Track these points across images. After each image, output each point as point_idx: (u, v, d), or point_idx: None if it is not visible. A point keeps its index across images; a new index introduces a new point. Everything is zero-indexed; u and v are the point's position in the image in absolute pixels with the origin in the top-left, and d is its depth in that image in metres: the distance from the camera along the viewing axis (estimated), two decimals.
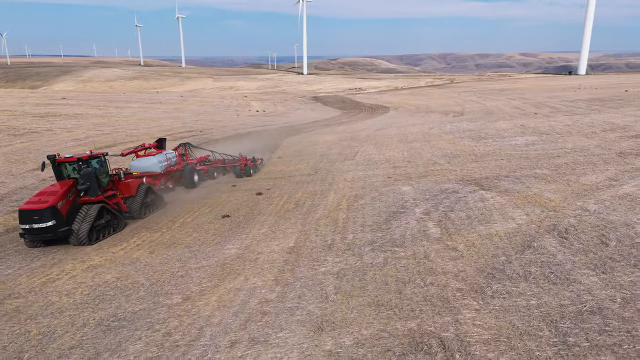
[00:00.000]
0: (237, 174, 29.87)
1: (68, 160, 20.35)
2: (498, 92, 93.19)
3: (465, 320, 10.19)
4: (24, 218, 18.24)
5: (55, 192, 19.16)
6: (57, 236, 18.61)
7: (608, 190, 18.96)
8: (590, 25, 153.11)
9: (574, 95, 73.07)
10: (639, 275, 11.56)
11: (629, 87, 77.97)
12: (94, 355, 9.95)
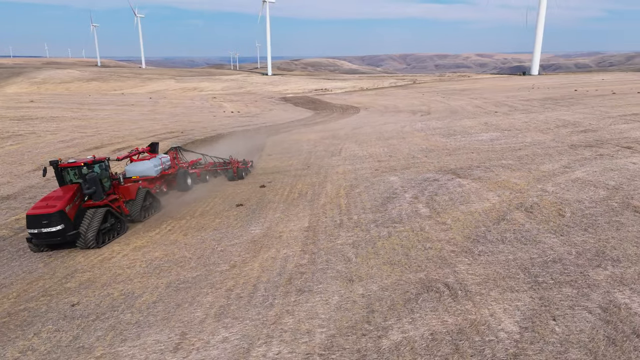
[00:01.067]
0: (230, 177, 30.22)
1: (71, 166, 20.60)
2: (459, 92, 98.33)
3: (461, 270, 13.39)
4: (33, 223, 18.41)
5: (62, 197, 19.45)
6: (65, 240, 18.90)
7: (562, 175, 22.71)
8: (541, 27, 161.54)
9: (528, 94, 78.60)
10: (588, 236, 15.06)
11: (578, 87, 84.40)
12: (175, 306, 12.60)
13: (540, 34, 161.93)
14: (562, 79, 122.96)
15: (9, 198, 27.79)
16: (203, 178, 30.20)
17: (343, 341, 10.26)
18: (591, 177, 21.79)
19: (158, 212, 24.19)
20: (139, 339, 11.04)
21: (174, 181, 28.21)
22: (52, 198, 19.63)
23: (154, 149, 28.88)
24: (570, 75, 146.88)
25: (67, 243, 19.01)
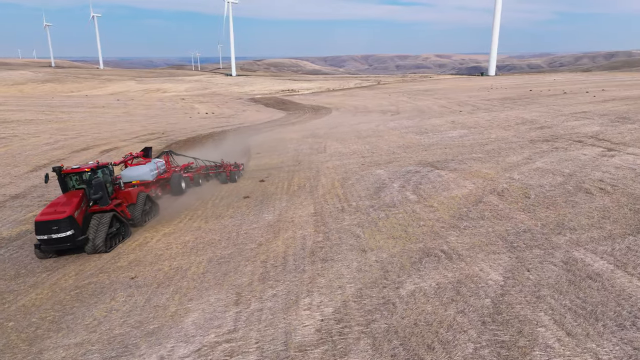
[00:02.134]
0: (223, 180, 30.45)
1: (75, 171, 20.88)
2: (423, 92, 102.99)
3: (452, 240, 16.53)
4: (42, 229, 18.48)
5: (69, 203, 19.58)
6: (75, 245, 19.10)
7: (525, 165, 26.36)
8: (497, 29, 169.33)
9: (488, 94, 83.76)
10: (549, 212, 18.49)
11: (532, 87, 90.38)
12: (222, 275, 15.18)
13: (496, 36, 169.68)
14: (518, 79, 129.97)
15: (19, 197, 29.25)
16: (196, 182, 30.30)
17: (369, 292, 13.15)
18: (549, 166, 25.51)
19: (157, 216, 24.38)
20: (202, 298, 13.60)
21: (168, 185, 28.13)
22: (59, 204, 19.72)
23: (147, 153, 28.73)
24: (524, 76, 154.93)
25: (75, 249, 19.29)
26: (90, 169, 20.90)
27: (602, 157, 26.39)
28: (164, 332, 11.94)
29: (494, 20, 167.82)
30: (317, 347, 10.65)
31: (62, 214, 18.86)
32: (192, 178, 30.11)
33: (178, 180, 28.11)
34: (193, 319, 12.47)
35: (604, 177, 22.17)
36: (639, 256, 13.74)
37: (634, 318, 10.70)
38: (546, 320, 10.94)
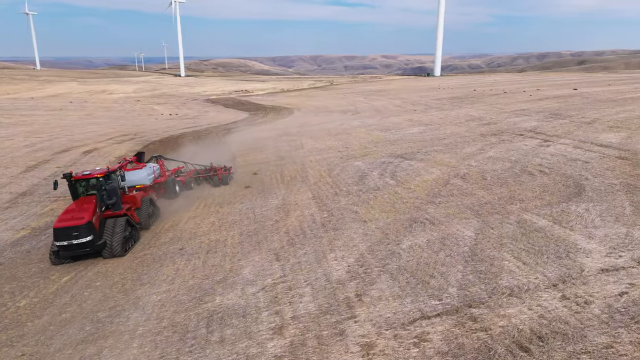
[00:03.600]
0: (215, 183, 31.07)
1: (86, 177, 21.36)
2: (376, 92, 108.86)
3: (431, 212, 21.11)
4: (62, 235, 18.86)
5: (86, 209, 19.98)
6: (94, 250, 19.65)
7: (479, 155, 31.55)
8: (441, 31, 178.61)
9: (437, 94, 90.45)
10: (503, 189, 23.45)
11: (476, 87, 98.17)
12: (256, 243, 19.01)
13: (441, 38, 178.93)
14: (462, 79, 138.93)
15: (26, 194, 31.43)
16: (188, 185, 30.77)
17: (377, 247, 17.45)
18: (499, 155, 30.81)
19: (159, 218, 25.08)
20: (248, 258, 17.43)
21: (162, 189, 28.47)
22: (75, 210, 20.06)
23: (140, 158, 29.12)
24: (467, 76, 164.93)
25: (93, 254, 19.93)
26: (105, 174, 21.41)
27: (540, 147, 32.00)
28: (229, 280, 15.70)
29: (438, 23, 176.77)
30: (351, 281, 14.82)
31: (81, 220, 19.24)
32: (185, 182, 30.74)
33: (173, 184, 28.97)
34: (248, 271, 16.30)
35: (542, 162, 27.59)
36: (569, 216, 18.81)
37: (567, 252, 15.56)
38: (508, 257, 15.63)
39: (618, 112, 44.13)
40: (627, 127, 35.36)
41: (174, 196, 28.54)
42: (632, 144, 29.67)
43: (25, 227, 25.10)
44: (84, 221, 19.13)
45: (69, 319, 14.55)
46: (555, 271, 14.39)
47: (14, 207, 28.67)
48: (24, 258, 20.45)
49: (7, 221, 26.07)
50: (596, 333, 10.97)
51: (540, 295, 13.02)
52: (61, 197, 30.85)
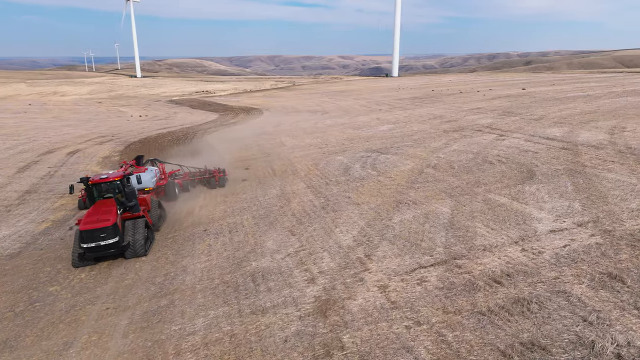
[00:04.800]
0: (212, 185, 31.52)
1: (103, 181, 21.86)
2: (340, 93, 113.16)
3: (412, 195, 25.16)
4: (89, 237, 19.28)
5: (110, 211, 20.49)
6: (118, 251, 20.10)
7: (445, 148, 36.03)
8: (398, 33, 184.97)
9: (398, 94, 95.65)
10: (469, 176, 27.83)
11: (434, 87, 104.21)
12: (269, 224, 22.44)
13: (397, 39, 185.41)
14: (419, 80, 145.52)
15: (30, 192, 33.38)
16: (185, 188, 31.23)
17: (374, 223, 21.27)
18: (462, 148, 35.37)
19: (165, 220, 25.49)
20: (267, 235, 20.87)
21: (162, 192, 28.93)
22: (99, 213, 20.45)
23: (139, 161, 29.60)
24: (424, 77, 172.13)
25: (116, 255, 20.42)
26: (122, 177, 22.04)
27: (496, 141, 36.83)
28: (258, 251, 19.13)
29: (395, 25, 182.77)
30: (358, 247, 18.58)
31: (108, 221, 19.74)
32: (182, 184, 31.30)
33: (173, 187, 29.63)
34: (270, 243, 19.77)
35: (499, 153, 32.28)
36: (524, 194, 23.27)
37: (524, 220, 19.88)
38: (479, 225, 19.81)
39: (561, 110, 50.01)
40: (569, 123, 40.86)
41: (175, 198, 29.11)
42: (573, 137, 34.91)
43: (44, 220, 27.37)
44: (110, 223, 19.67)
45: (132, 284, 17.53)
46: (516, 233, 18.65)
47: (25, 204, 30.69)
48: (60, 243, 22.99)
49: (25, 215, 28.21)
50: (547, 270, 15.18)
51: (506, 249, 17.21)
52: (66, 194, 33.04)
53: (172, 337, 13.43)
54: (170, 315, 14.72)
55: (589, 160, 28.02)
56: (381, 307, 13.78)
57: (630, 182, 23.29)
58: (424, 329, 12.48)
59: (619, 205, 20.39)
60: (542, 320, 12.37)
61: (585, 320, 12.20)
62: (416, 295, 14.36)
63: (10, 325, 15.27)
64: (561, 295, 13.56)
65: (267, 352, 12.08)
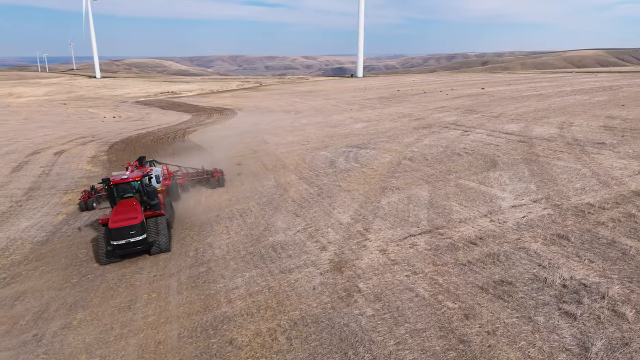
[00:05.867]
0: (212, 185, 32.20)
1: (125, 182, 22.59)
2: (309, 93, 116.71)
3: (394, 182, 28.99)
4: (120, 235, 19.98)
5: (136, 209, 21.21)
6: (145, 248, 20.77)
7: (418, 143, 40.18)
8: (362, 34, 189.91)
9: (366, 94, 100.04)
10: (441, 166, 31.92)
11: (399, 87, 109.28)
12: (274, 208, 25.74)
13: (362, 40, 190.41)
14: (384, 80, 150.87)
15: (33, 189, 35.31)
16: (186, 188, 31.95)
17: (366, 205, 24.92)
18: (432, 142, 39.59)
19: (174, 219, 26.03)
20: (275, 217, 24.17)
21: (165, 192, 29.11)
22: (125, 211, 21.10)
23: (142, 162, 30.12)
24: (388, 77, 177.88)
25: (142, 252, 21.11)
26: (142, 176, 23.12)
27: (462, 136, 41.26)
28: (271, 229, 22.43)
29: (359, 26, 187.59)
30: (356, 223, 22.18)
31: (136, 219, 20.47)
32: (182, 184, 31.94)
33: (176, 187, 30.34)
34: (280, 224, 23.11)
35: (465, 146, 36.61)
36: (489, 179, 27.47)
37: (490, 199, 23.98)
38: (454, 204, 23.78)
39: (517, 108, 55.29)
40: (525, 119, 45.88)
41: (177, 198, 29.50)
42: (528, 131, 39.73)
43: (58, 212, 29.61)
44: (138, 220, 20.43)
45: (168, 257, 20.43)
46: (484, 209, 22.71)
47: (33, 199, 32.70)
48: (85, 231, 25.50)
49: (38, 209, 30.34)
50: (511, 234, 19.21)
51: (477, 221, 21.19)
52: (69, 191, 35.20)
53: (220, 292, 16.63)
54: (212, 277, 17.87)
55: (542, 150, 32.64)
56: (384, 264, 17.43)
57: (576, 167, 27.89)
58: (420, 276, 16.20)
59: (566, 186, 24.81)
60: (508, 267, 16.31)
61: (540, 265, 16.22)
62: (410, 255, 18.08)
63: (72, 292, 18.00)
64: (522, 250, 17.58)
65: (301, 297, 15.50)
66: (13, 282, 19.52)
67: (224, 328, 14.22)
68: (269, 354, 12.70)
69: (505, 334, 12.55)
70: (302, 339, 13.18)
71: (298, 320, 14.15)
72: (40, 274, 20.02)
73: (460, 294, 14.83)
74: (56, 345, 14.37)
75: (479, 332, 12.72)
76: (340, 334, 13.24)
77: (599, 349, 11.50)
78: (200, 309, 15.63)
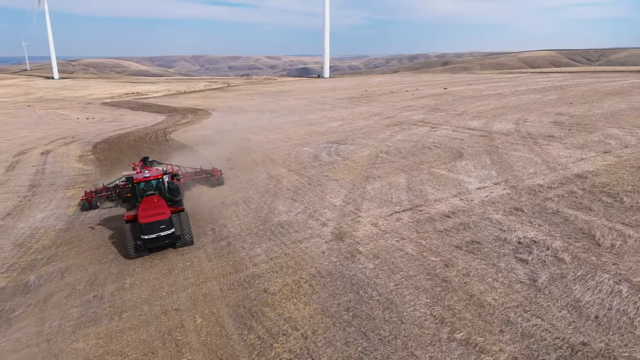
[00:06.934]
0: (213, 184, 33.34)
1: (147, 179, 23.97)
2: (279, 94, 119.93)
3: (375, 172, 33.00)
4: (151, 229, 20.93)
5: (162, 205, 22.30)
6: (173, 241, 21.75)
7: (391, 139, 44.42)
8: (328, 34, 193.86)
9: (335, 95, 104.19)
10: (414, 157, 36.16)
11: (366, 88, 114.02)
12: (273, 195, 29.26)
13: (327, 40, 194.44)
14: (351, 81, 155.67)
15: (34, 187, 37.43)
16: (187, 187, 32.79)
17: (354, 191, 28.76)
18: (404, 138, 43.92)
19: None
20: (275, 202, 27.69)
21: None
22: (152, 207, 22.10)
23: (146, 162, 31.07)
24: (354, 78, 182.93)
25: (169, 245, 22.09)
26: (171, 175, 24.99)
27: (430, 132, 45.80)
28: (274, 212, 25.93)
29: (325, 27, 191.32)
30: (348, 205, 25.99)
31: (164, 214, 21.48)
32: (184, 183, 32.75)
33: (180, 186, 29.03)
34: (281, 208, 26.64)
35: (434, 141, 41.08)
36: (456, 167, 31.84)
37: (458, 183, 28.28)
38: (429, 188, 27.94)
39: (478, 106, 60.55)
40: (485, 117, 50.94)
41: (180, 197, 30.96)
42: (489, 127, 44.63)
43: (68, 205, 32.08)
44: (167, 215, 21.49)
45: None
46: (454, 191, 26.95)
47: (38, 195, 34.92)
48: (102, 221, 28.23)
49: (47, 203, 32.69)
50: (477, 209, 23.45)
51: (449, 200, 25.39)
52: (70, 187, 37.52)
53: (245, 258, 20.08)
54: (234, 249, 21.27)
55: (501, 143, 37.42)
56: (377, 233, 21.32)
57: (529, 156, 32.64)
58: (407, 241, 20.17)
59: (521, 172, 29.41)
60: (476, 231, 20.50)
61: (500, 229, 20.48)
62: (397, 226, 22.05)
63: (114, 265, 21.00)
64: (487, 220, 21.83)
65: (314, 259, 19.18)
66: (52, 261, 22.29)
67: (256, 282, 17.72)
68: (298, 295, 16.32)
69: (476, 274, 16.62)
70: (321, 285, 16.86)
71: (315, 274, 17.82)
72: (76, 254, 22.86)
73: (440, 251, 18.88)
74: (117, 301, 17.49)
75: (457, 274, 16.75)
76: (351, 280, 17.00)
77: (544, 280, 15.71)
78: (231, 270, 19.04)
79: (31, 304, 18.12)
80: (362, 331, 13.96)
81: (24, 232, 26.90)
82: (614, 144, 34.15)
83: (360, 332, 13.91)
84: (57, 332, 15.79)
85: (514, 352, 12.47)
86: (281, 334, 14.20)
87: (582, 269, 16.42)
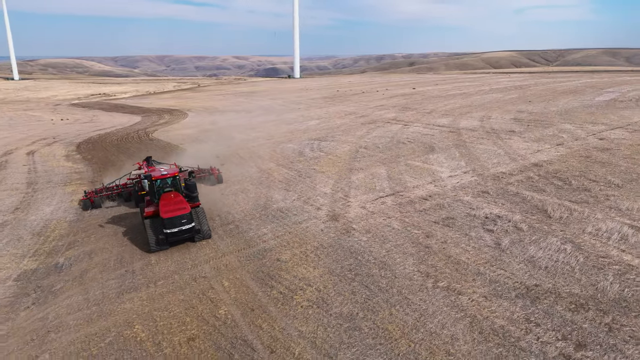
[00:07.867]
0: (212, 182, 34.35)
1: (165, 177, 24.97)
2: (252, 94, 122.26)
3: (357, 165, 36.47)
4: (173, 223, 21.90)
5: (182, 200, 23.21)
6: (192, 235, 22.73)
7: (368, 135, 48.04)
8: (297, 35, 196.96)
9: (309, 95, 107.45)
10: (390, 152, 39.86)
11: (338, 88, 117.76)
12: (267, 186, 32.34)
13: (297, 41, 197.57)
14: (321, 81, 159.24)
15: (32, 184, 39.21)
16: None
17: (340, 181, 32.13)
18: (380, 134, 47.62)
19: None
20: (271, 192, 30.76)
21: None
22: (173, 203, 23.04)
23: (149, 162, 32.01)
24: (325, 78, 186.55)
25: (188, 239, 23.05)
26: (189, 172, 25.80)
27: (403, 129, 49.69)
28: (272, 199, 29.01)
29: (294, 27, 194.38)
30: (337, 192, 29.33)
31: (185, 209, 22.40)
32: None
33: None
34: (277, 196, 29.74)
35: (408, 137, 44.92)
36: (429, 160, 35.65)
37: (432, 173, 32.04)
38: (407, 177, 31.58)
39: (445, 105, 65.04)
40: (452, 114, 55.28)
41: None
42: (456, 124, 48.86)
43: (72, 200, 34.16)
44: (188, 210, 22.46)
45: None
46: (429, 179, 30.68)
47: (39, 192, 36.79)
48: (110, 212, 30.58)
49: (51, 198, 34.69)
50: (450, 192, 27.20)
51: (426, 186, 29.07)
52: (67, 183, 39.47)
53: (254, 237, 23.12)
54: (243, 230, 24.27)
55: (468, 138, 41.56)
56: (366, 214, 24.75)
57: (493, 149, 36.79)
58: (393, 219, 23.68)
59: (487, 162, 33.43)
60: (450, 210, 24.19)
61: (470, 208, 24.23)
62: (383, 208, 25.54)
63: (135, 247, 23.64)
64: (459, 201, 25.57)
65: (315, 235, 22.43)
66: (75, 247, 24.72)
67: (269, 254, 20.85)
68: (307, 262, 19.55)
69: (452, 242, 20.26)
70: (325, 254, 20.15)
71: (318, 246, 21.09)
72: (95, 239, 25.35)
73: (421, 225, 22.46)
74: (148, 273, 20.25)
75: (436, 242, 20.35)
76: (349, 249, 20.37)
77: (506, 244, 19.49)
78: (244, 246, 22.07)
79: (68, 280, 20.62)
80: (364, 284, 17.32)
81: (37, 223, 29.04)
82: (566, 137, 38.74)
83: (363, 285, 17.27)
84: (102, 298, 18.46)
85: (484, 293, 16.08)
86: (298, 289, 17.40)
87: (536, 235, 20.29)
